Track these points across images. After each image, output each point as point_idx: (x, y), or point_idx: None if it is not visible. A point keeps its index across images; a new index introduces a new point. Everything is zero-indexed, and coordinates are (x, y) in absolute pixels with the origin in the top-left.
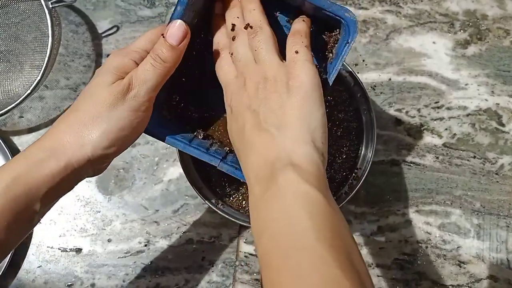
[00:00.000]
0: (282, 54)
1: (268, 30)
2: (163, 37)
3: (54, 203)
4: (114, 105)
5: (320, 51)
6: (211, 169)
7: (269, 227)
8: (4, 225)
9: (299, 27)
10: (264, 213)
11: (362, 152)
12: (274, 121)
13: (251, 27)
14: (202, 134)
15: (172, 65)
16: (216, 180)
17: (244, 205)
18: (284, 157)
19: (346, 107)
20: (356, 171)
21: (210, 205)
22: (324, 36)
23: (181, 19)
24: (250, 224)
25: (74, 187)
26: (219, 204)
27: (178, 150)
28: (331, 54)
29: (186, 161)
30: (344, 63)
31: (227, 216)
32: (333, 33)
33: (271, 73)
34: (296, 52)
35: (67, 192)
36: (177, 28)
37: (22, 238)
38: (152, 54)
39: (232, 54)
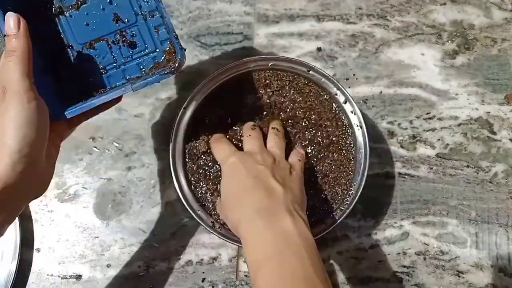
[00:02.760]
0: None
1: None
2: (5, 35)
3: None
4: (3, 111)
5: None
6: (207, 192)
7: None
8: None
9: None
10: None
11: (356, 167)
12: None
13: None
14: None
15: (24, 50)
16: (212, 201)
17: None
18: None
19: (338, 124)
20: (351, 187)
21: (207, 228)
22: None
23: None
24: None
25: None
26: (216, 227)
27: (173, 173)
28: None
29: (182, 184)
30: (335, 80)
31: (223, 239)
32: None
33: None
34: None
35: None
36: (7, 19)
37: None
38: (4, 53)
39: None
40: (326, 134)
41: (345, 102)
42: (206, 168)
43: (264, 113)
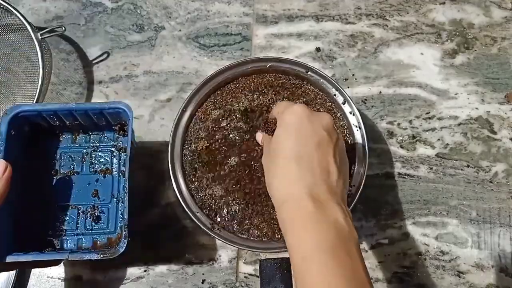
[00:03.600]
0: None
1: None
2: None
3: None
4: None
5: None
6: (206, 194)
7: None
8: None
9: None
10: None
11: (356, 168)
12: None
13: None
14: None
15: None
16: (211, 204)
17: (239, 229)
18: None
19: (337, 125)
20: (350, 188)
21: (206, 230)
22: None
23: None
24: (246, 247)
25: None
26: (215, 229)
27: (172, 175)
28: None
29: (180, 186)
30: (333, 81)
31: (223, 241)
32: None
33: None
34: None
35: None
36: None
37: None
38: None
39: None
40: None
41: (344, 103)
42: (205, 169)
43: (264, 114)
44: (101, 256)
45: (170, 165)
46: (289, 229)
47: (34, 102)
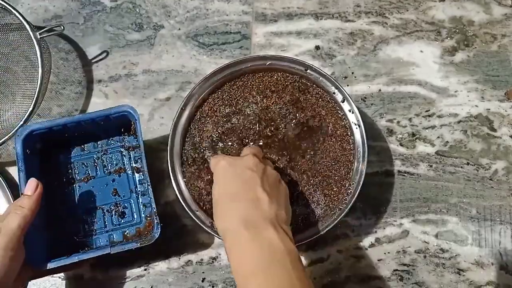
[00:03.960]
0: None
1: None
2: (22, 193)
3: None
4: None
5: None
6: (206, 192)
7: None
8: None
9: None
10: None
11: (355, 166)
12: None
13: None
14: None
15: (30, 210)
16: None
17: None
18: None
19: (337, 123)
20: (350, 186)
21: (205, 228)
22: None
23: (33, 177)
24: None
25: None
26: (215, 227)
27: (171, 173)
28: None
29: (180, 184)
30: (332, 79)
31: (222, 239)
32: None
33: None
34: None
35: None
36: (29, 183)
37: None
38: (14, 206)
39: None
40: (323, 132)
41: (343, 101)
42: (204, 168)
43: (262, 113)
44: (140, 244)
45: (169, 163)
46: (231, 256)
47: (33, 102)
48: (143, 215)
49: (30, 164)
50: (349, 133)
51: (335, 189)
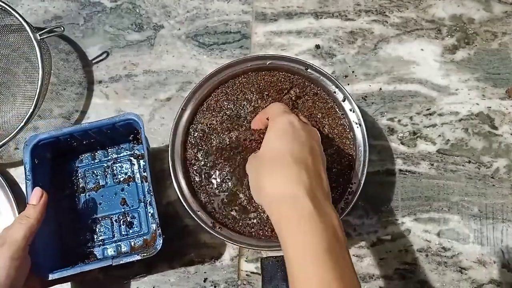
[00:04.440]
0: None
1: None
2: (27, 203)
3: None
4: None
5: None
6: (209, 192)
7: None
8: None
9: None
10: None
11: (356, 165)
12: None
13: None
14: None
15: (35, 220)
16: (214, 202)
17: (241, 227)
18: None
19: (337, 122)
20: (351, 185)
21: (207, 228)
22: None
23: (38, 186)
24: (247, 246)
25: None
26: (217, 227)
27: (172, 173)
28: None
29: (181, 184)
30: (333, 78)
31: (224, 239)
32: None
33: None
34: None
35: None
36: (34, 192)
37: None
38: (20, 214)
39: None
40: (324, 132)
41: (343, 100)
42: (206, 168)
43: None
44: (142, 256)
45: (170, 163)
46: (284, 229)
47: (34, 103)
48: (150, 226)
49: (39, 173)
50: (347, 130)
51: (336, 188)
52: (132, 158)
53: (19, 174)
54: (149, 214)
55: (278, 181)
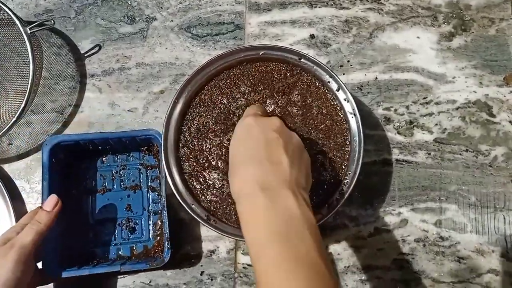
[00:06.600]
0: None
1: None
2: (41, 207)
3: None
4: (1, 255)
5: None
6: (203, 186)
7: None
8: None
9: None
10: None
11: (351, 156)
12: None
13: None
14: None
15: (46, 226)
16: (208, 195)
17: (236, 220)
18: None
19: (334, 112)
20: (346, 176)
21: (202, 222)
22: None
23: (54, 193)
24: (241, 238)
25: None
26: (211, 220)
27: (165, 167)
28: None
29: (175, 178)
30: (327, 67)
31: (219, 232)
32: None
33: None
34: None
35: None
36: (50, 198)
37: None
38: (32, 220)
39: None
40: (319, 122)
41: (338, 90)
42: (199, 160)
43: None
44: (150, 266)
45: (163, 157)
46: (244, 222)
47: (26, 98)
48: (151, 234)
49: (54, 173)
50: (342, 120)
51: (331, 178)
52: (141, 167)
53: (13, 169)
54: (152, 223)
55: (236, 181)
